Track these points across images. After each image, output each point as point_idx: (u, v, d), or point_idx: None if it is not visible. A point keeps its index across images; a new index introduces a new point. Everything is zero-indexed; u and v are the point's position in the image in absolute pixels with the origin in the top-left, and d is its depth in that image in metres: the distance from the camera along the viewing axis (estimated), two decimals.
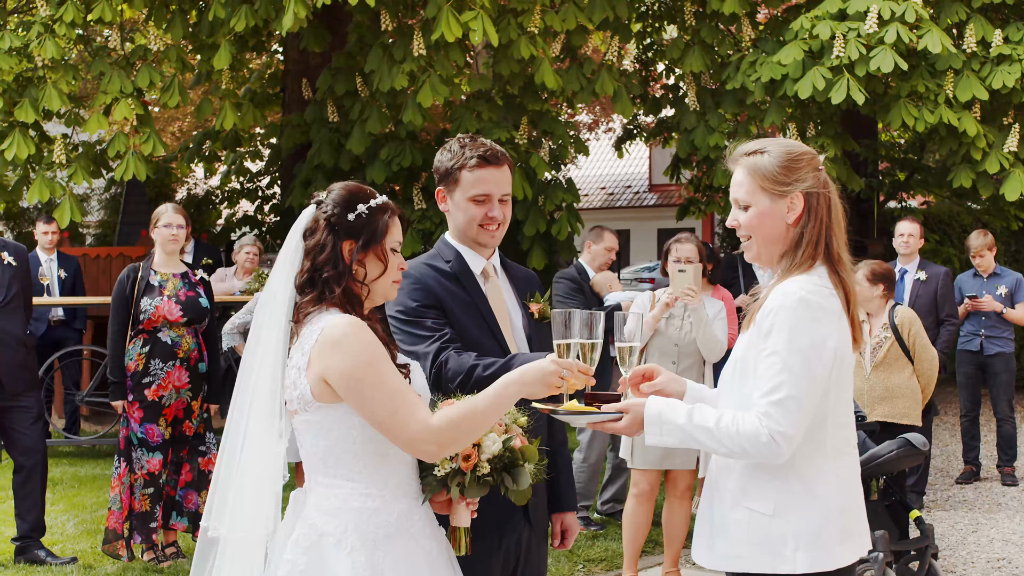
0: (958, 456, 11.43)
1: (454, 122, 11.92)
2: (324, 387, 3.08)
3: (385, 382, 3.04)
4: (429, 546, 3.20)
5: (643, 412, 3.21)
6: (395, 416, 3.03)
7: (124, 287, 7.50)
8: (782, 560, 3.16)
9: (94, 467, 10.81)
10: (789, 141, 3.34)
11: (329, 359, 3.06)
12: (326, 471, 3.17)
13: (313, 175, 12.48)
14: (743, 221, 3.32)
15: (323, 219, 3.21)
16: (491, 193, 3.88)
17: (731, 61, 12.27)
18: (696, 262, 7.14)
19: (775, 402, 3.08)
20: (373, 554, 3.09)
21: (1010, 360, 10.29)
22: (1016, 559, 7.88)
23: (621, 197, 30.53)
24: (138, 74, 11.28)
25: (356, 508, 3.12)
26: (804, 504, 3.16)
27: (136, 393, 7.41)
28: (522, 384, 3.10)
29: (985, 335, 10.22)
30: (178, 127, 23.28)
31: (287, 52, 14.38)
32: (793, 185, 3.24)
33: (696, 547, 3.38)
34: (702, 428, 3.14)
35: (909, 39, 10.76)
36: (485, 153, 3.88)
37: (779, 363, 3.10)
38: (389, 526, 3.13)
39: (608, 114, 25.47)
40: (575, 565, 7.55)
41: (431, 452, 3.07)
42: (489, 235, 3.93)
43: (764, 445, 3.08)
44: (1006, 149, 11.29)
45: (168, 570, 7.28)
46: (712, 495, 3.32)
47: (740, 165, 3.32)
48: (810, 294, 3.16)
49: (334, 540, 3.10)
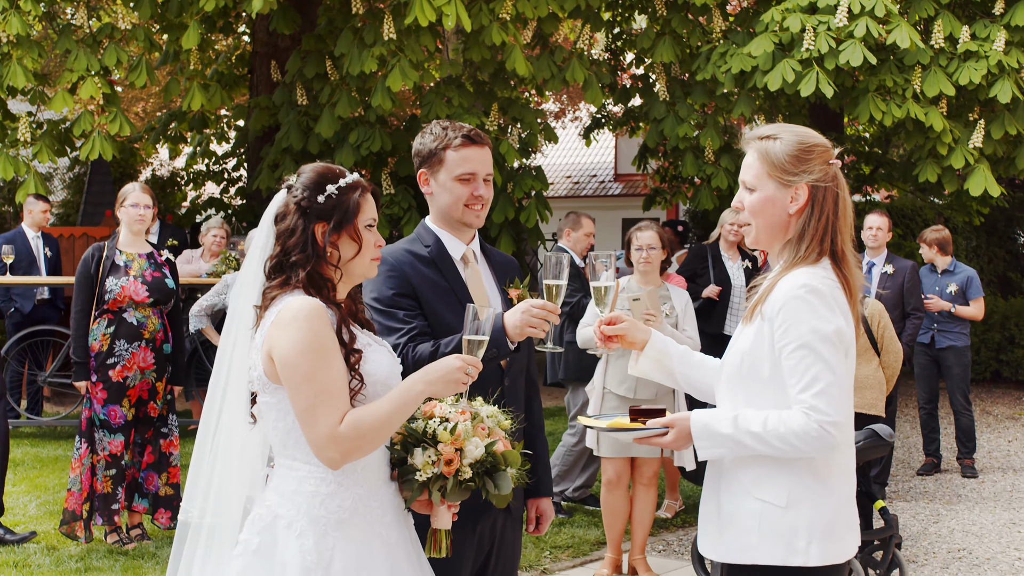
0: (919, 448, 11.55)
1: (424, 107, 11.86)
2: (272, 367, 3.08)
3: (316, 376, 3.01)
4: (388, 534, 3.17)
5: (688, 425, 3.19)
6: (312, 413, 3.01)
7: (89, 266, 7.41)
8: (794, 552, 3.13)
9: (56, 448, 10.71)
10: (805, 130, 3.30)
11: (276, 338, 3.05)
12: (286, 453, 3.16)
13: (281, 158, 12.38)
14: (747, 203, 3.30)
15: (293, 203, 3.19)
16: (477, 171, 3.89)
17: (701, 52, 12.30)
18: (657, 249, 7.19)
19: (817, 393, 3.07)
20: (323, 539, 3.06)
21: (962, 353, 10.42)
22: (976, 549, 7.97)
23: (586, 186, 30.54)
24: (105, 52, 11.15)
25: (310, 492, 3.10)
26: (818, 496, 3.15)
27: (100, 374, 7.33)
28: (426, 383, 3.10)
29: (937, 328, 10.39)
30: (141, 107, 23.05)
31: (255, 34, 14.25)
32: (800, 176, 3.22)
33: (702, 538, 3.34)
34: (749, 433, 3.11)
35: (878, 33, 10.83)
36: (470, 133, 3.90)
37: (810, 355, 3.08)
38: (342, 511, 3.10)
39: (574, 103, 25.45)
40: (542, 552, 7.56)
41: (333, 460, 3.04)
42: (474, 215, 3.92)
43: (816, 439, 3.06)
44: (971, 145, 11.39)
45: (133, 552, 7.23)
46: (719, 486, 3.28)
47: (752, 148, 3.30)
48: (821, 284, 3.15)
49: (286, 522, 3.09)
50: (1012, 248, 19.86)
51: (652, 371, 3.55)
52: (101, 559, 7.06)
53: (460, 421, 3.21)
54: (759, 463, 3.18)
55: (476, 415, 3.27)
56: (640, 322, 3.60)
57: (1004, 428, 13.09)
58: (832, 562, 3.16)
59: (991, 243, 19.12)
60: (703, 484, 3.40)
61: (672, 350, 3.52)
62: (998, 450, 11.72)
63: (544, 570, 7.30)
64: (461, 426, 3.20)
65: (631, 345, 3.52)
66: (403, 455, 3.22)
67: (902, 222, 17.50)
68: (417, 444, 3.20)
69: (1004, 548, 8.02)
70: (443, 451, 3.17)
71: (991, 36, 11.13)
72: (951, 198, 14.76)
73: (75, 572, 6.81)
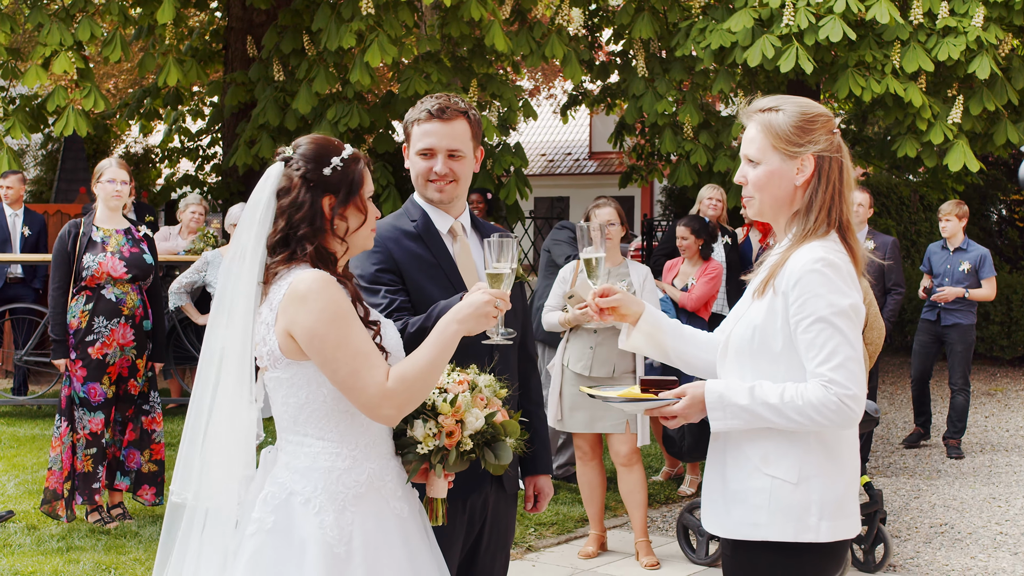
0: (898, 424, 11.62)
1: (402, 84, 11.78)
2: (291, 342, 3.02)
3: (348, 341, 2.98)
4: (400, 507, 3.14)
5: (703, 395, 3.14)
6: (357, 377, 2.97)
7: (65, 243, 7.31)
8: (805, 528, 3.10)
9: (34, 427, 10.61)
10: (805, 100, 3.26)
11: (294, 313, 3.00)
12: (296, 429, 3.11)
13: (258, 134, 12.27)
14: (751, 178, 3.24)
15: (297, 176, 3.13)
16: (434, 147, 3.79)
17: (681, 28, 12.25)
18: (616, 225, 7.17)
19: (836, 367, 3.03)
20: (342, 515, 3.03)
21: (967, 332, 10.34)
22: (957, 524, 8.01)
23: (561, 164, 30.50)
24: (78, 26, 11.00)
25: (326, 468, 3.06)
26: (828, 472, 3.12)
27: (79, 351, 7.25)
28: (458, 322, 3.08)
29: (943, 306, 10.30)
30: (113, 84, 22.81)
31: (230, 9, 14.10)
32: (806, 147, 3.17)
33: (707, 515, 3.29)
34: (766, 404, 3.06)
35: (858, 9, 10.82)
36: (434, 107, 3.80)
37: (828, 328, 3.04)
38: (359, 486, 3.07)
39: (549, 80, 25.37)
40: (527, 529, 7.54)
41: (390, 416, 3.01)
42: (436, 189, 3.83)
43: (835, 412, 3.02)
44: (950, 120, 11.42)
45: (115, 531, 7.16)
46: (725, 463, 3.23)
47: (753, 121, 3.25)
48: (837, 258, 3.11)
49: (302, 499, 3.04)
50: (986, 226, 19.97)
51: (644, 345, 3.50)
52: (83, 538, 6.99)
53: (459, 392, 3.18)
54: (768, 439, 3.14)
55: (474, 384, 3.24)
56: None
57: (981, 404, 13.18)
58: (841, 537, 3.14)
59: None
60: (706, 460, 3.36)
61: (664, 324, 3.48)
62: (976, 426, 11.78)
63: (529, 547, 7.29)
64: (461, 397, 3.17)
65: (623, 318, 3.47)
66: (403, 427, 3.19)
67: (878, 200, 17.55)
68: (417, 416, 3.17)
69: (986, 523, 8.06)
70: (444, 423, 3.15)
71: (969, 12, 11.14)
72: (927, 175, 14.81)
73: (57, 552, 6.74)
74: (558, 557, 7.17)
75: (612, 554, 7.24)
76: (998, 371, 15.85)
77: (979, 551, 7.38)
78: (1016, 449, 10.69)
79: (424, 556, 3.18)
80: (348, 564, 3.01)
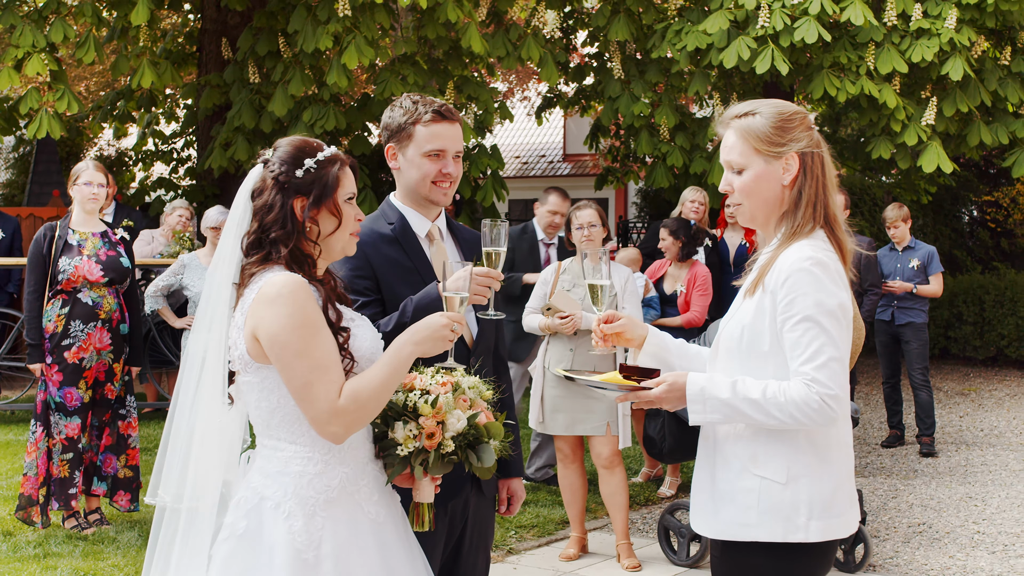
0: (874, 424, 11.67)
1: (379, 86, 11.75)
2: (256, 346, 2.99)
3: (309, 352, 2.94)
4: (376, 512, 3.12)
5: (684, 385, 3.13)
6: (309, 389, 2.94)
7: (41, 246, 7.24)
8: (795, 528, 3.09)
9: (7, 432, 10.51)
10: (779, 101, 3.26)
11: (261, 316, 2.97)
12: (269, 433, 3.09)
13: (233, 137, 12.21)
14: (737, 185, 3.23)
15: (271, 178, 3.11)
16: (446, 148, 3.80)
17: (656, 30, 12.27)
18: (598, 226, 7.21)
19: (819, 366, 3.02)
20: (311, 520, 3.00)
21: (920, 330, 10.50)
22: (936, 523, 8.05)
23: (535, 167, 30.48)
24: (51, 28, 10.92)
25: (296, 472, 3.04)
26: (817, 471, 3.11)
27: (55, 355, 7.18)
28: (414, 344, 3.05)
29: (897, 305, 10.48)
30: (85, 86, 22.65)
31: (205, 10, 14.03)
32: (788, 145, 3.17)
33: (696, 516, 3.28)
34: (747, 400, 3.05)
35: (832, 11, 10.88)
36: (440, 108, 3.80)
37: (813, 327, 3.03)
38: (330, 491, 3.04)
39: (523, 83, 25.36)
40: (507, 531, 7.53)
41: (336, 434, 2.97)
42: (442, 192, 3.83)
43: (816, 411, 3.01)
44: (924, 122, 11.49)
45: (92, 537, 7.10)
46: (714, 463, 3.22)
47: (731, 128, 3.24)
48: (825, 256, 3.11)
49: (272, 504, 3.02)
50: (958, 227, 20.10)
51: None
52: (60, 544, 6.93)
53: (441, 393, 3.14)
54: (756, 439, 3.13)
55: (457, 386, 3.20)
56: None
57: (955, 404, 13.26)
58: (832, 537, 3.13)
59: (937, 221, 19.35)
60: (695, 461, 3.35)
61: (670, 344, 3.46)
62: (950, 425, 11.86)
63: (510, 549, 7.28)
64: (442, 398, 3.13)
65: (628, 342, 3.44)
66: (384, 429, 3.16)
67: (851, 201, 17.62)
68: (398, 418, 3.13)
69: (963, 522, 8.11)
70: (424, 424, 3.11)
71: (943, 14, 11.22)
72: (900, 177, 14.89)
73: (34, 558, 6.68)
74: (539, 560, 7.16)
75: (593, 556, 7.24)
76: (971, 371, 15.95)
77: (957, 550, 7.41)
78: (991, 448, 10.76)
79: (400, 561, 3.14)
80: (317, 570, 2.98)
